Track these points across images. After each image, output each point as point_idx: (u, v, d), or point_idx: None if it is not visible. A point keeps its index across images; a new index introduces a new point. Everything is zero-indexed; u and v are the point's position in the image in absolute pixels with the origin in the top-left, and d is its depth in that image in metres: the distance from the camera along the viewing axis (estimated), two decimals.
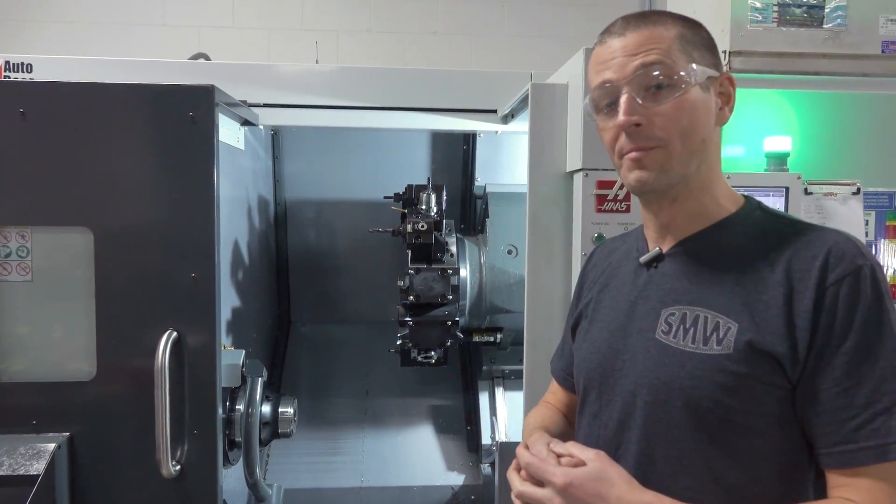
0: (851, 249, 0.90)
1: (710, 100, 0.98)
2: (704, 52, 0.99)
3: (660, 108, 0.94)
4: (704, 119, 0.98)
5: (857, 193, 1.68)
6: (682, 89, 0.94)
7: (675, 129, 0.95)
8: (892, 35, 1.77)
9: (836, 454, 0.87)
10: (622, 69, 0.96)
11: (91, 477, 1.58)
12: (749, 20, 1.74)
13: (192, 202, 1.57)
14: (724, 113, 1.01)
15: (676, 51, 0.96)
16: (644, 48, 0.96)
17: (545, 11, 4.44)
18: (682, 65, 0.95)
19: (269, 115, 2.09)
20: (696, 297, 0.97)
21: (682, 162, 0.96)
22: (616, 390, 1.03)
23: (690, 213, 1.01)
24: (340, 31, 4.30)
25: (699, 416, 0.92)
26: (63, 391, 1.58)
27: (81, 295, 1.57)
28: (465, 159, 2.88)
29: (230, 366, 1.76)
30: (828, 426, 0.87)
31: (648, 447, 0.97)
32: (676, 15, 1.02)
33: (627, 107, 0.95)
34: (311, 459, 2.61)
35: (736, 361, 0.90)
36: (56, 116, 1.55)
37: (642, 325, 1.02)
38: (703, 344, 0.93)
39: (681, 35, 0.98)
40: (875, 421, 0.85)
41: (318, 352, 2.98)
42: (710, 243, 1.00)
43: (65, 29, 4.04)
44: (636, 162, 0.97)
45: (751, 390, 0.90)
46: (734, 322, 0.92)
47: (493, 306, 2.48)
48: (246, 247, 2.48)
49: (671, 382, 0.95)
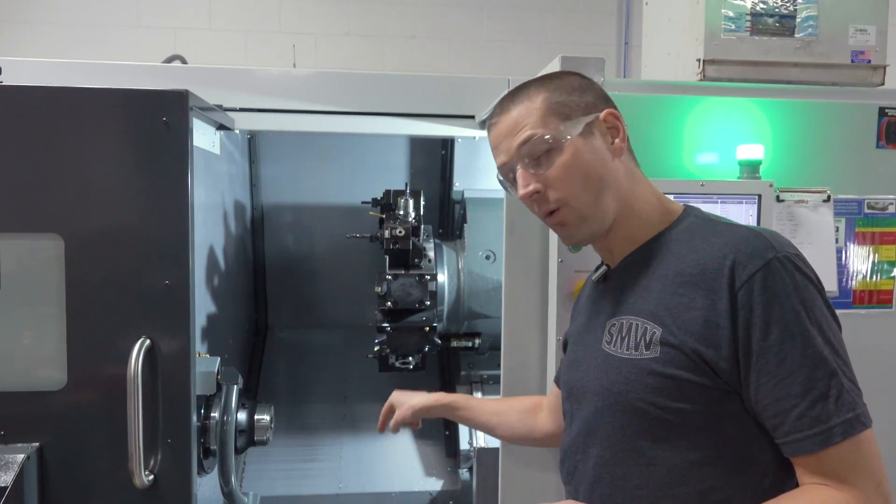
0: (760, 244, 0.95)
1: (595, 141, 1.07)
2: (577, 100, 1.07)
3: (550, 172, 1.04)
4: (597, 162, 1.06)
5: (828, 201, 1.71)
6: (563, 149, 1.04)
7: (571, 184, 1.04)
8: (860, 45, 1.81)
9: (787, 444, 0.92)
10: (508, 151, 1.07)
11: (62, 488, 1.54)
12: (723, 29, 1.77)
13: (165, 208, 1.55)
14: (617, 146, 1.09)
15: (548, 116, 1.05)
16: (518, 127, 1.06)
17: (524, 17, 4.47)
18: (554, 127, 1.04)
19: (246, 120, 2.07)
20: (630, 307, 1.05)
21: (593, 207, 1.06)
22: (580, 400, 1.11)
23: (623, 238, 1.10)
24: (318, 35, 4.28)
25: (638, 418, 0.99)
26: (32, 400, 1.54)
27: (52, 302, 1.54)
28: (444, 164, 2.88)
29: (205, 373, 1.74)
30: (773, 418, 0.92)
31: (603, 449, 1.05)
32: (540, 79, 1.11)
33: (522, 181, 1.06)
34: (289, 466, 2.58)
35: (662, 363, 0.97)
36: (25, 121, 1.52)
37: (594, 337, 1.11)
38: (635, 350, 1.01)
39: (546, 100, 1.06)
40: (815, 408, 0.89)
41: (296, 357, 2.96)
42: (646, 256, 1.08)
43: (35, 29, 3.97)
44: (556, 224, 1.09)
45: (681, 390, 0.95)
46: (658, 326, 0.99)
47: (471, 312, 2.48)
48: (222, 252, 2.46)
49: (612, 388, 1.03)
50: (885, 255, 1.77)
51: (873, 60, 1.81)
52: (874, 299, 1.76)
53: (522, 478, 1.69)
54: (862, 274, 1.76)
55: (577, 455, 1.11)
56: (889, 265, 1.77)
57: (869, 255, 1.76)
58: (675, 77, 1.93)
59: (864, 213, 1.75)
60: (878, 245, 1.76)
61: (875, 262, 1.76)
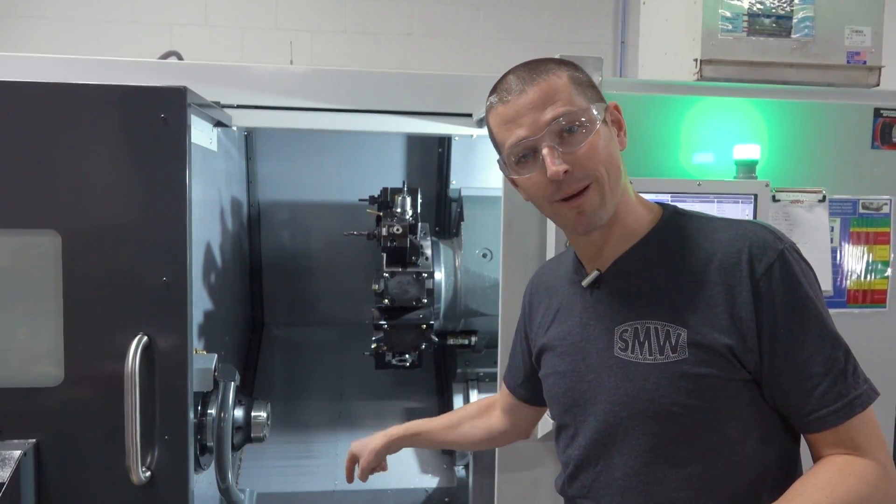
0: (768, 236, 0.99)
1: (609, 130, 1.04)
2: (590, 89, 1.04)
3: (582, 151, 0.99)
4: (615, 148, 1.04)
5: (823, 201, 1.72)
6: (594, 128, 0.99)
7: (599, 163, 1.00)
8: (856, 46, 1.82)
9: (812, 422, 0.96)
10: (535, 124, 0.99)
11: (58, 485, 1.54)
12: (720, 29, 1.78)
13: (163, 205, 1.54)
14: (621, 139, 1.07)
15: (575, 95, 1.01)
16: (549, 101, 0.99)
17: (520, 15, 4.48)
18: (585, 106, 1.00)
19: (243, 117, 2.06)
20: (642, 311, 1.03)
21: (612, 191, 1.02)
22: (588, 411, 1.08)
23: (619, 234, 1.07)
24: (315, 32, 4.27)
25: (671, 421, 0.98)
26: (29, 397, 1.54)
27: (49, 299, 1.54)
28: (441, 162, 2.88)
29: (202, 370, 1.74)
30: (798, 398, 0.96)
31: (632, 458, 1.02)
32: (558, 60, 1.07)
33: (552, 158, 0.98)
34: (285, 463, 2.58)
35: (693, 364, 0.97)
36: (22, 117, 1.51)
37: (599, 345, 1.07)
38: (659, 354, 0.99)
39: (571, 78, 1.02)
40: (837, 385, 0.95)
41: (292, 355, 2.96)
42: (642, 258, 1.06)
43: (31, 25, 3.96)
44: (576, 209, 1.01)
45: (713, 388, 0.97)
46: (682, 328, 0.98)
47: (468, 309, 2.49)
48: (219, 249, 2.45)
49: (639, 395, 1.00)
50: (879, 255, 1.78)
51: (869, 61, 1.83)
52: (868, 299, 1.78)
53: (518, 475, 1.70)
54: (856, 273, 1.77)
55: (595, 467, 1.07)
56: (883, 265, 1.78)
57: (863, 254, 1.77)
58: (672, 77, 1.94)
59: (858, 214, 1.76)
60: (873, 245, 1.78)
61: (869, 261, 1.77)
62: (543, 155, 0.99)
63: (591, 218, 1.02)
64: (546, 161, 0.98)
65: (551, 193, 1.01)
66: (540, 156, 1.00)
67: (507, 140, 1.03)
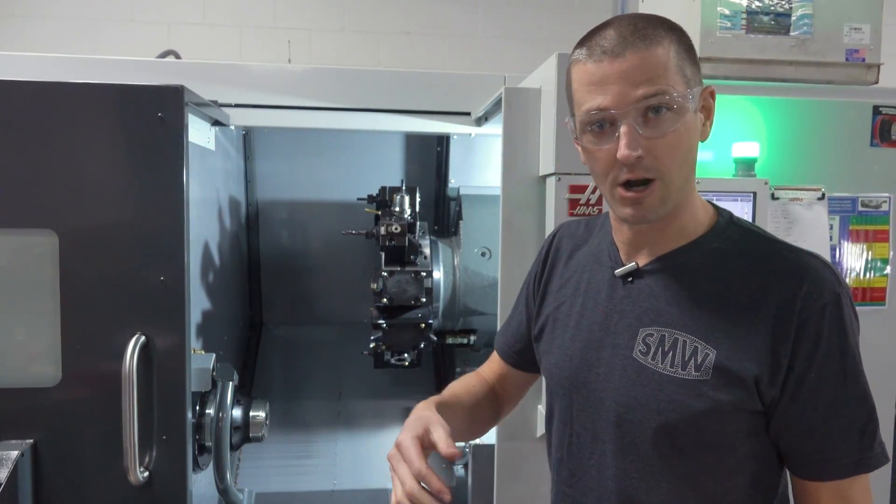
0: (830, 277, 0.93)
1: (697, 119, 0.94)
2: (692, 66, 0.93)
3: (665, 139, 0.89)
4: (695, 141, 0.95)
5: (822, 199, 1.72)
6: (682, 118, 0.90)
7: (675, 159, 0.91)
8: (855, 43, 1.81)
9: (815, 468, 0.93)
10: (622, 98, 0.89)
11: (56, 485, 1.54)
12: (718, 27, 1.77)
13: (160, 204, 1.54)
14: (706, 129, 0.98)
15: (674, 73, 0.90)
16: (646, 75, 0.88)
17: (519, 14, 4.46)
18: (681, 89, 0.90)
19: (241, 116, 2.06)
20: (674, 320, 0.96)
21: (678, 191, 0.94)
22: (590, 401, 1.04)
23: (671, 230, 0.99)
24: (313, 30, 4.26)
25: (674, 437, 0.95)
26: (27, 397, 1.54)
27: (46, 298, 1.53)
28: (439, 161, 2.88)
29: (200, 370, 1.74)
30: (808, 442, 0.93)
31: (623, 462, 0.99)
32: (668, 23, 0.94)
33: (629, 140, 0.88)
34: (284, 463, 2.58)
35: (713, 387, 0.92)
36: (19, 116, 1.51)
37: (618, 340, 1.01)
38: (681, 369, 0.94)
39: (677, 53, 0.91)
40: (852, 440, 0.92)
41: (291, 354, 2.96)
42: (688, 262, 0.98)
43: (28, 24, 3.94)
44: (633, 199, 0.93)
45: (725, 414, 0.93)
46: (713, 349, 0.93)
47: (467, 308, 2.48)
48: (217, 248, 2.45)
49: (649, 404, 0.96)
50: (879, 253, 1.78)
51: (867, 59, 1.82)
52: (868, 296, 1.77)
53: (517, 474, 1.70)
54: (856, 271, 1.77)
55: (586, 461, 1.04)
56: (882, 262, 1.78)
57: (862, 252, 1.77)
58: None
59: (857, 211, 1.76)
60: (872, 242, 1.77)
61: (868, 259, 1.77)
62: (621, 133, 0.89)
63: (645, 215, 0.94)
64: (622, 141, 0.89)
65: (616, 174, 0.92)
66: (616, 130, 0.90)
67: (585, 102, 0.92)
